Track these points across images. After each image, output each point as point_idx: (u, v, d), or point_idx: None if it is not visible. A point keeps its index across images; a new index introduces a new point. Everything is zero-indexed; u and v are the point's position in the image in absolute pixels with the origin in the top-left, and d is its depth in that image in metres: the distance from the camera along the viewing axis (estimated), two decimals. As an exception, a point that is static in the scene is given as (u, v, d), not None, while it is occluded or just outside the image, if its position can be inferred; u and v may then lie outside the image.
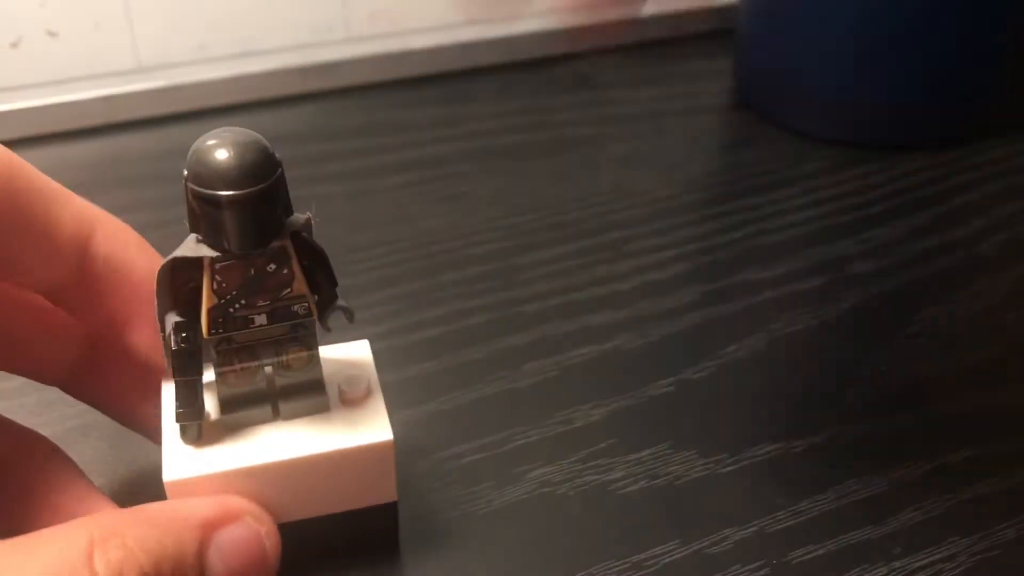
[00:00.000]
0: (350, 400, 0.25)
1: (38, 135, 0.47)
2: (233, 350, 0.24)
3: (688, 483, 0.29)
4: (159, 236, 0.40)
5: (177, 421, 0.24)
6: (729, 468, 0.30)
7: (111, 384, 0.27)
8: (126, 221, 0.26)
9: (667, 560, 0.27)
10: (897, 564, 0.27)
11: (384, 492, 0.26)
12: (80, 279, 0.24)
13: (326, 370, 0.25)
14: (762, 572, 0.26)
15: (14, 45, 0.46)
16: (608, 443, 0.30)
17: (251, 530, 0.23)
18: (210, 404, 0.25)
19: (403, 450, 0.30)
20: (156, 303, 0.23)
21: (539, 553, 0.27)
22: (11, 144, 0.48)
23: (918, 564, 0.27)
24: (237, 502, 0.23)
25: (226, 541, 0.22)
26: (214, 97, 0.49)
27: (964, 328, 0.35)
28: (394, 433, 0.25)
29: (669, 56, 0.56)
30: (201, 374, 0.24)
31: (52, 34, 0.47)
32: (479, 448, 0.30)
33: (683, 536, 0.27)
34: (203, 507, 0.22)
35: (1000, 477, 0.29)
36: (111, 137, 0.47)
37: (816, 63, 0.46)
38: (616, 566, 0.26)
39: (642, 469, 0.29)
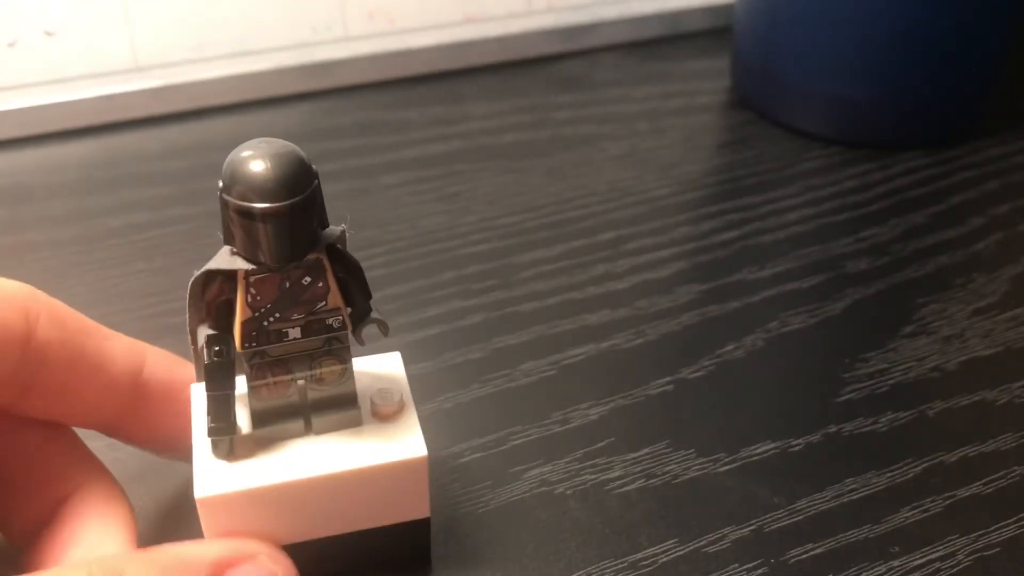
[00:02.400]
0: (383, 414, 0.25)
1: (36, 134, 0.47)
2: (266, 364, 0.24)
3: (686, 482, 0.29)
4: (157, 235, 0.40)
5: (209, 436, 0.23)
6: (727, 467, 0.30)
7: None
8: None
9: (665, 559, 0.27)
10: (895, 563, 0.27)
11: (417, 508, 0.25)
12: (134, 407, 0.24)
13: (358, 383, 0.25)
14: (760, 571, 0.26)
15: (11, 45, 0.46)
16: (606, 442, 0.30)
17: (265, 571, 0.22)
18: (242, 417, 0.24)
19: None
20: (188, 315, 0.23)
21: (537, 552, 0.27)
22: (10, 143, 0.48)
23: (916, 563, 0.27)
24: (251, 544, 0.22)
25: None
26: (212, 96, 0.49)
27: (961, 327, 0.35)
28: None
29: (666, 55, 0.56)
30: (234, 388, 0.23)
31: (49, 34, 0.47)
32: (477, 448, 0.30)
33: (681, 535, 0.27)
34: (215, 548, 0.22)
35: (997, 475, 0.29)
36: (109, 136, 0.47)
37: (813, 62, 0.46)
38: (614, 565, 0.26)
39: (640, 468, 0.30)
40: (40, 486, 0.24)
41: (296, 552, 0.24)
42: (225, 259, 0.22)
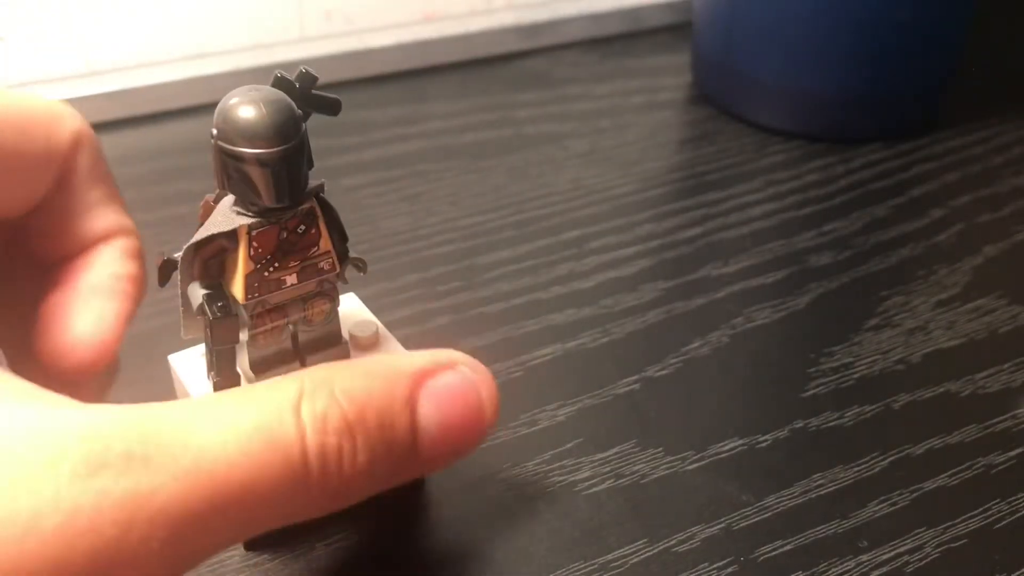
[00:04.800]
0: (365, 344, 0.27)
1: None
2: (265, 311, 0.25)
3: (654, 481, 0.29)
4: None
5: (216, 391, 0.24)
6: (695, 465, 0.30)
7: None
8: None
9: (635, 560, 0.27)
10: (864, 557, 0.27)
11: None
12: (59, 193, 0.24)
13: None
14: (730, 569, 0.26)
15: (-39, 50, 0.45)
16: (574, 443, 0.30)
17: (465, 378, 0.22)
18: (245, 365, 0.25)
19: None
20: (179, 280, 0.24)
21: (507, 556, 0.27)
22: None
23: (885, 556, 0.27)
24: (452, 354, 0.22)
25: (438, 389, 0.21)
26: (167, 100, 0.48)
27: (925, 319, 0.36)
28: None
29: (627, 51, 0.56)
30: (238, 340, 0.24)
31: None
32: (444, 451, 0.30)
33: (650, 535, 0.27)
34: (417, 358, 0.22)
35: (963, 467, 0.30)
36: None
37: (773, 57, 0.46)
38: (584, 567, 0.26)
39: (608, 468, 0.29)
40: (74, 217, 0.24)
41: None
42: (226, 220, 0.23)
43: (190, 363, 0.27)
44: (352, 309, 0.28)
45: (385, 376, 0.21)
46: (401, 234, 0.40)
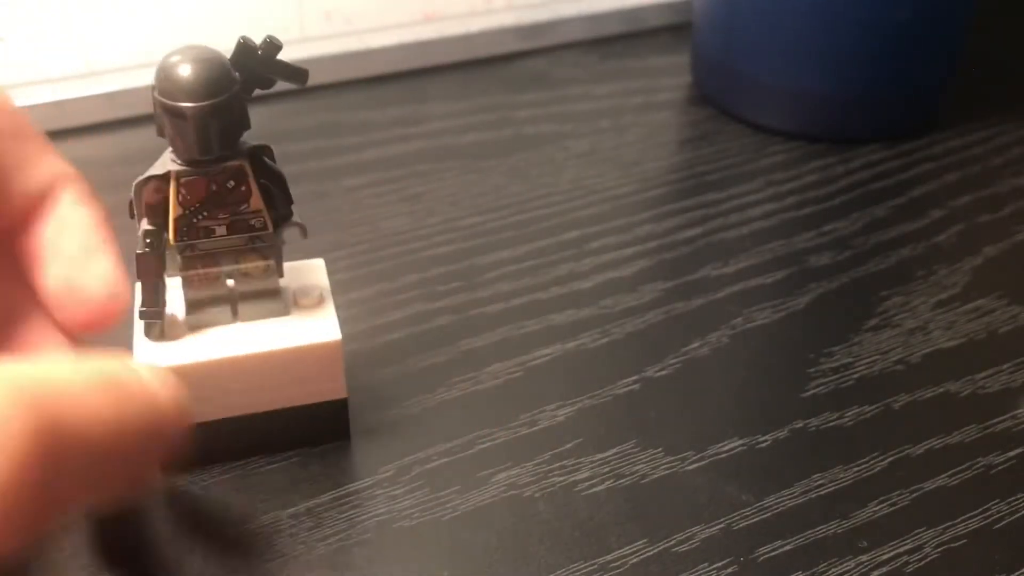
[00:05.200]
0: (303, 306, 0.29)
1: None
2: (197, 256, 0.27)
3: (654, 482, 0.29)
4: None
5: (140, 319, 0.27)
6: (694, 465, 0.30)
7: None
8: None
9: (635, 560, 0.27)
10: (864, 557, 0.27)
11: (334, 389, 0.29)
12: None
13: (285, 281, 0.29)
14: (730, 570, 0.26)
15: (-39, 50, 0.45)
16: (574, 443, 0.30)
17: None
18: (178, 306, 0.28)
19: (368, 455, 0.30)
20: (135, 214, 0.26)
21: (506, 557, 0.27)
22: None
23: (884, 556, 0.27)
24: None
25: None
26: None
27: (924, 319, 0.36)
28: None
29: (627, 52, 0.56)
30: (162, 277, 0.27)
31: None
32: (444, 452, 0.30)
33: (650, 536, 0.27)
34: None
35: (962, 467, 0.30)
36: (62, 143, 0.46)
37: (773, 57, 0.46)
38: (584, 568, 0.26)
39: (608, 469, 0.29)
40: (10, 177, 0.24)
41: (225, 427, 0.28)
42: (158, 165, 0.26)
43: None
44: (312, 273, 0.30)
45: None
46: (401, 234, 0.40)
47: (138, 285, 0.27)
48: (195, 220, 0.26)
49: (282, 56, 0.26)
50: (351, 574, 0.26)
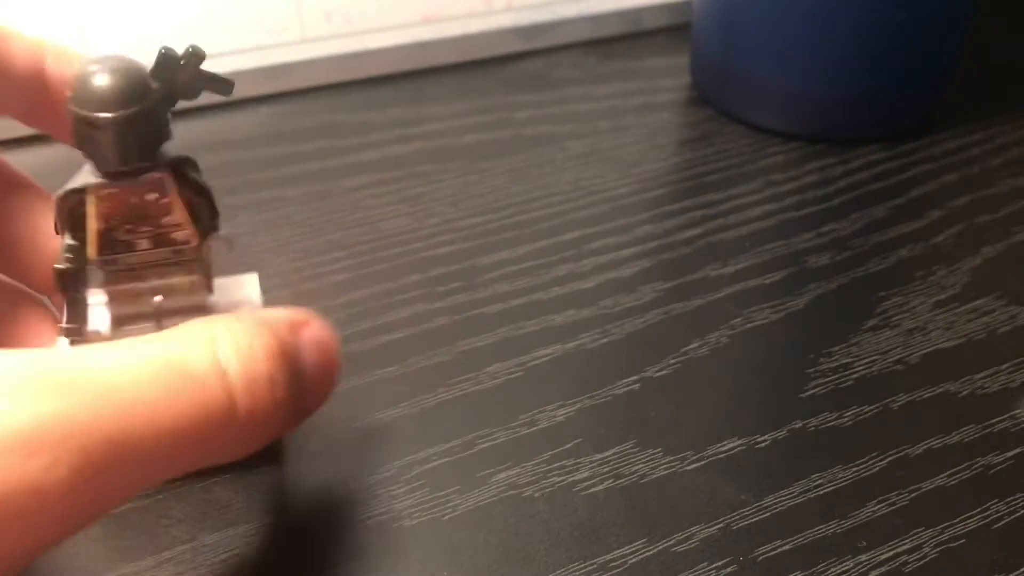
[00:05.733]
0: None
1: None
2: (121, 271, 0.26)
3: (653, 481, 0.29)
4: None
5: (62, 335, 0.26)
6: (694, 465, 0.30)
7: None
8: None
9: (634, 560, 0.27)
10: (863, 557, 0.27)
11: None
12: (43, 100, 0.26)
13: (216, 298, 0.28)
14: (729, 569, 0.26)
15: (-39, 51, 0.45)
16: (573, 443, 0.30)
17: (326, 330, 0.23)
18: (104, 321, 0.27)
19: (367, 456, 0.30)
20: (58, 229, 0.25)
21: (506, 557, 0.27)
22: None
23: (884, 556, 0.27)
24: (306, 312, 0.24)
25: (308, 339, 0.22)
26: (168, 101, 0.48)
27: (923, 319, 0.36)
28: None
29: (626, 53, 0.56)
30: (83, 292, 0.26)
31: (0, 39, 0.46)
32: (444, 452, 0.30)
33: (649, 535, 0.27)
34: (283, 312, 0.23)
35: (961, 467, 0.30)
36: (63, 144, 0.46)
37: (772, 58, 0.46)
38: (583, 568, 0.26)
39: (608, 469, 0.29)
40: None
41: None
42: (78, 178, 0.25)
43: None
44: (245, 290, 0.29)
45: (278, 319, 0.22)
46: (401, 235, 0.40)
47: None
48: (116, 234, 0.25)
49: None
50: (351, 574, 0.26)
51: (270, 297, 0.30)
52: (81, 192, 0.25)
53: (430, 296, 0.37)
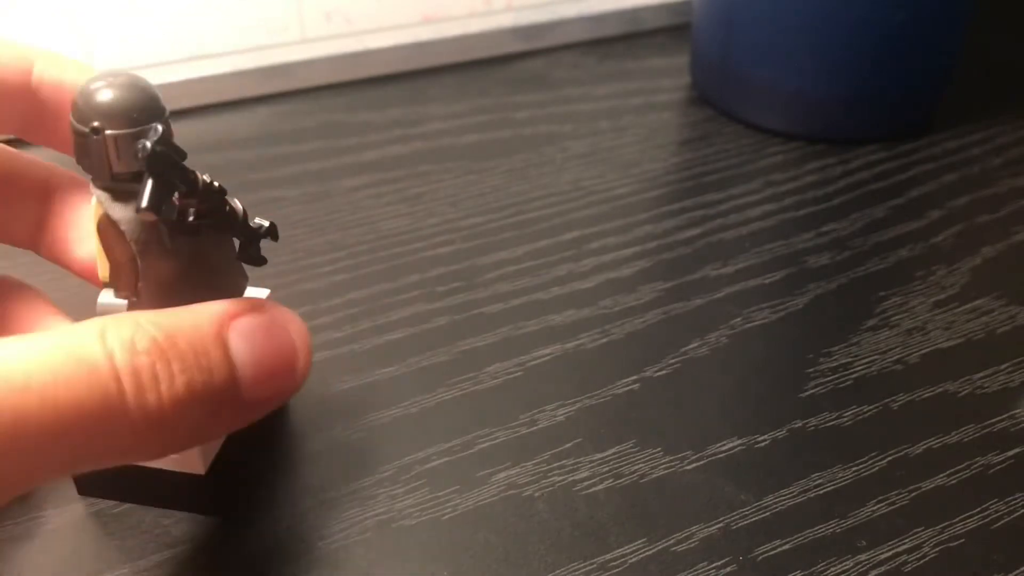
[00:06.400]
0: None
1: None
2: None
3: (653, 481, 0.29)
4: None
5: (142, 214, 0.22)
6: (693, 465, 0.30)
7: (69, 232, 0.28)
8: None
9: (634, 559, 0.27)
10: (863, 557, 0.27)
11: (189, 461, 0.27)
12: (34, 111, 0.25)
13: None
14: (729, 569, 0.26)
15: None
16: (573, 443, 0.30)
17: (272, 318, 0.22)
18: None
19: (368, 455, 0.30)
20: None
21: (506, 557, 0.27)
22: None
23: (883, 556, 0.27)
24: (257, 299, 0.23)
25: (246, 327, 0.21)
26: (168, 101, 0.48)
27: (923, 319, 0.36)
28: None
29: (626, 53, 0.56)
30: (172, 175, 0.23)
31: (0, 39, 0.46)
32: (444, 452, 0.30)
33: (649, 535, 0.27)
34: (221, 303, 0.22)
35: (961, 467, 0.30)
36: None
37: (772, 58, 0.46)
38: (583, 567, 0.26)
39: (607, 468, 0.29)
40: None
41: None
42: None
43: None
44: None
45: (191, 312, 0.21)
46: (401, 235, 0.40)
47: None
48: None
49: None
50: (351, 574, 0.26)
51: (271, 298, 0.30)
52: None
53: (430, 296, 0.37)
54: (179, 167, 0.22)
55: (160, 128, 0.22)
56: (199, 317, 0.21)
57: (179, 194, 0.22)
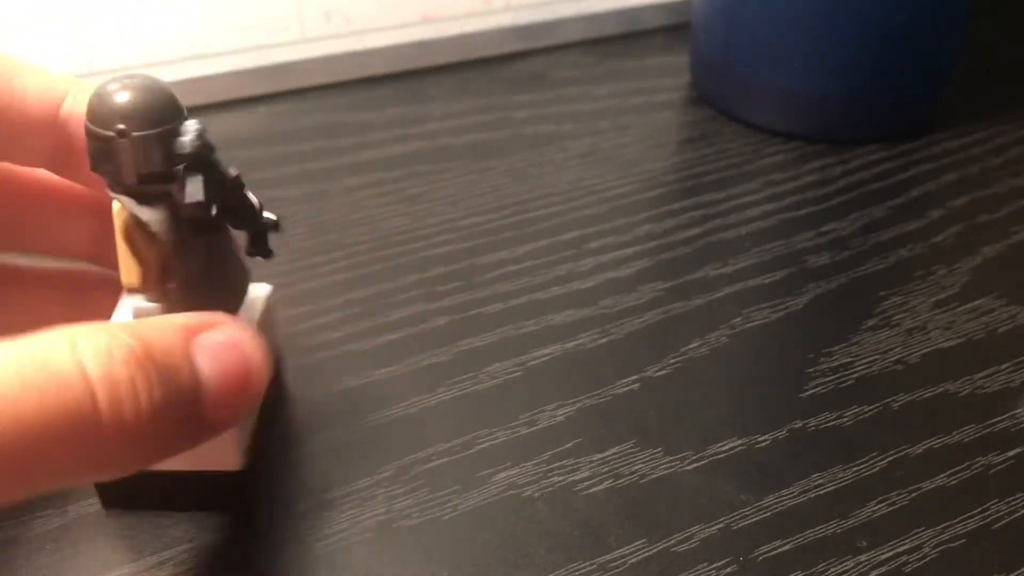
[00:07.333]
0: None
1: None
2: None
3: (653, 481, 0.29)
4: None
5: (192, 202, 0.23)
6: (694, 465, 0.30)
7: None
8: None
9: (634, 560, 0.27)
10: (863, 557, 0.27)
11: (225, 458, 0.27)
12: (64, 143, 0.25)
13: None
14: (729, 569, 0.26)
15: (-40, 51, 0.45)
16: (573, 443, 0.30)
17: (230, 335, 0.22)
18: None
19: (368, 455, 0.30)
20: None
21: (506, 557, 0.27)
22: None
23: (884, 556, 0.27)
24: (212, 315, 0.23)
25: (208, 342, 0.21)
26: (167, 100, 0.48)
27: (923, 319, 0.36)
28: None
29: (626, 52, 0.56)
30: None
31: (-1, 39, 0.46)
32: (444, 452, 0.30)
33: (649, 535, 0.27)
34: (181, 317, 0.22)
35: (961, 467, 0.30)
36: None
37: (772, 58, 0.46)
38: (583, 567, 0.26)
39: (607, 469, 0.29)
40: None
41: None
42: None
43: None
44: (251, 297, 0.28)
45: (159, 323, 0.21)
46: (400, 235, 0.40)
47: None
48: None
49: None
50: (351, 574, 0.26)
51: (271, 295, 0.30)
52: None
53: (430, 296, 0.37)
54: (214, 161, 0.23)
55: (195, 124, 0.23)
56: (166, 329, 0.21)
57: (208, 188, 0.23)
